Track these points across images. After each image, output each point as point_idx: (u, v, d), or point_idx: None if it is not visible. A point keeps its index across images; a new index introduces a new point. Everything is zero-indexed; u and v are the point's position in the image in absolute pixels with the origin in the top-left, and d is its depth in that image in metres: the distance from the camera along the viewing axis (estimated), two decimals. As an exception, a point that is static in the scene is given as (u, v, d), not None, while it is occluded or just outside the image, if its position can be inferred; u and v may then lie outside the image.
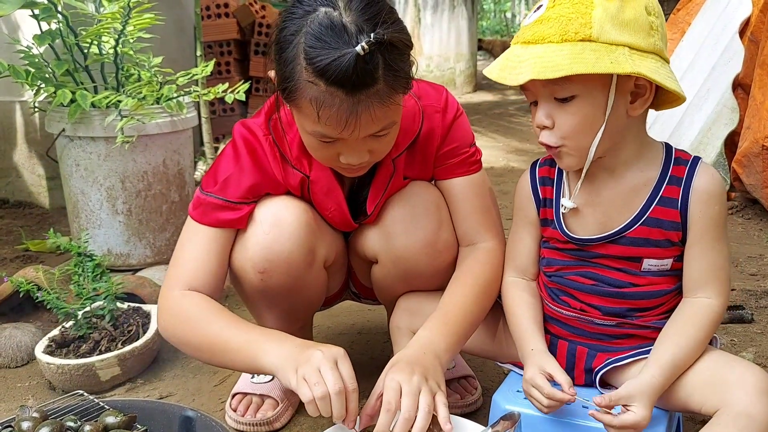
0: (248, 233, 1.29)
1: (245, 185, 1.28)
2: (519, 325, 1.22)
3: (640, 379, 1.07)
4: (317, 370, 1.04)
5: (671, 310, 1.16)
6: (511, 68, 1.04)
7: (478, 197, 1.35)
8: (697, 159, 1.13)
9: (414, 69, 1.16)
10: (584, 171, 1.12)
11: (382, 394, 1.07)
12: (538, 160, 1.26)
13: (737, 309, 1.93)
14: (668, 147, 1.16)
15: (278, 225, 1.28)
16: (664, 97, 1.11)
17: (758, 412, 0.99)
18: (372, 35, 1.01)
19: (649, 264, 1.14)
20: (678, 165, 1.13)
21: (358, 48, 1.01)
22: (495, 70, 1.07)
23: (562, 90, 1.04)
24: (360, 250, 1.41)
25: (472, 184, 1.35)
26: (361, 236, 1.39)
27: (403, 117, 1.26)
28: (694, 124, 3.35)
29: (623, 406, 1.05)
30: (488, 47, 11.33)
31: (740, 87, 3.21)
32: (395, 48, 1.06)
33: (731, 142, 3.18)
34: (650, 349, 1.14)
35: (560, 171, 1.21)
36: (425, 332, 1.19)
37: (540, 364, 1.13)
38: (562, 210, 1.16)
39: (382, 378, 1.09)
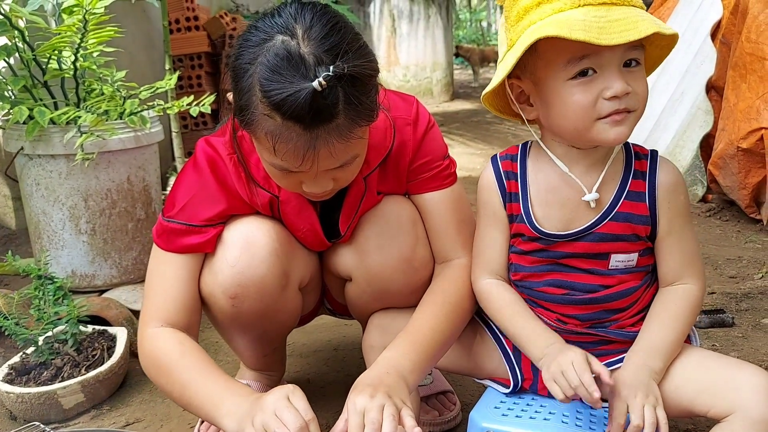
0: (217, 257, 1.23)
1: (209, 207, 1.21)
2: (523, 327, 1.15)
3: (631, 374, 1.05)
4: (273, 414, 0.98)
5: (644, 309, 1.16)
6: (604, 29, 0.96)
7: (452, 212, 1.29)
8: (654, 152, 1.15)
9: (382, 83, 1.11)
10: (613, 155, 1.11)
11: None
12: (497, 154, 1.21)
13: (718, 313, 1.91)
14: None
15: (249, 248, 1.22)
16: None
17: None
18: (331, 69, 0.95)
19: (616, 260, 1.12)
20: (639, 159, 1.14)
21: (315, 83, 0.94)
22: (580, 32, 0.95)
23: (639, 55, 1.02)
24: (333, 269, 1.35)
25: (446, 198, 1.29)
26: (335, 254, 1.33)
27: (373, 133, 1.21)
28: (669, 128, 3.36)
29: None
30: (466, 54, 11.30)
31: (713, 89, 3.22)
32: (357, 80, 1.00)
33: (706, 145, 3.19)
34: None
35: (523, 165, 1.17)
36: (390, 352, 1.13)
37: (578, 351, 1.05)
38: (591, 206, 1.10)
39: (346, 404, 1.04)
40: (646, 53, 1.07)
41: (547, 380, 1.05)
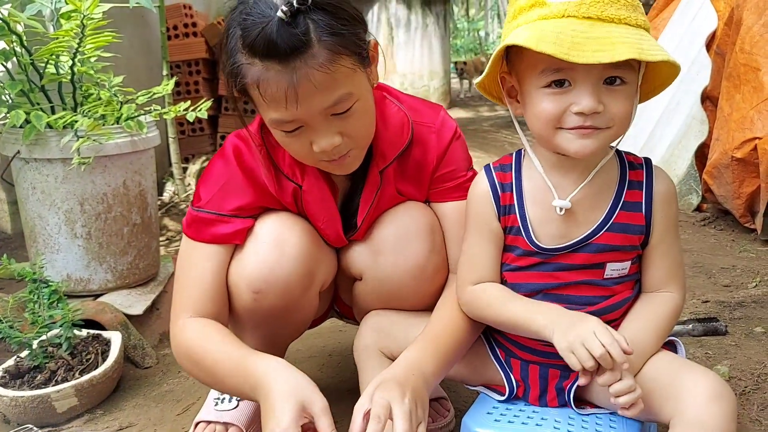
0: (247, 250, 1.24)
1: (237, 197, 1.24)
2: (519, 307, 1.12)
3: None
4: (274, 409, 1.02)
5: None
6: (579, 45, 0.93)
7: None
8: (648, 161, 1.15)
9: (371, 40, 1.13)
10: (597, 167, 1.10)
11: (368, 412, 1.00)
12: (489, 164, 1.20)
13: (711, 321, 1.91)
14: (617, 150, 1.15)
15: (280, 245, 1.23)
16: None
17: (709, 418, 0.97)
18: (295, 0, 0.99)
19: (611, 269, 1.12)
20: (634, 169, 1.14)
21: (279, 12, 0.99)
22: (549, 44, 0.93)
23: (621, 73, 0.99)
24: (346, 267, 1.36)
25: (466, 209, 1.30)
26: (349, 252, 1.34)
27: (389, 128, 1.23)
28: (665, 138, 3.38)
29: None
30: (468, 70, 11.21)
31: (708, 99, 3.24)
32: (328, 12, 1.02)
33: (701, 154, 3.21)
34: None
35: (518, 175, 1.16)
36: (413, 353, 1.13)
37: (597, 320, 1.02)
38: (558, 212, 1.10)
39: (368, 395, 1.03)
40: (654, 74, 1.06)
41: (564, 350, 1.01)
